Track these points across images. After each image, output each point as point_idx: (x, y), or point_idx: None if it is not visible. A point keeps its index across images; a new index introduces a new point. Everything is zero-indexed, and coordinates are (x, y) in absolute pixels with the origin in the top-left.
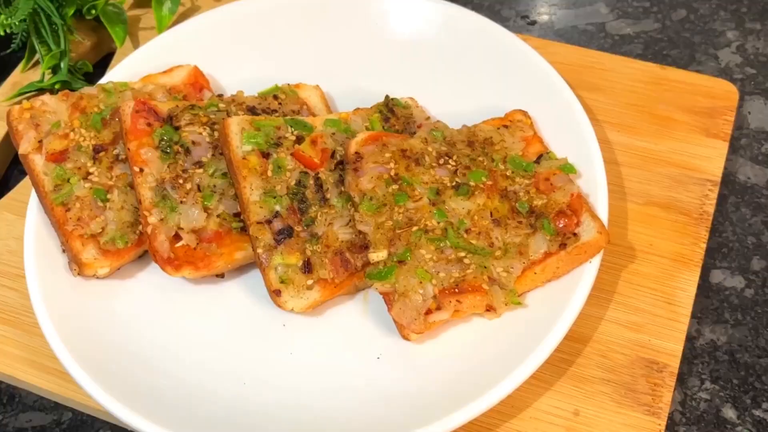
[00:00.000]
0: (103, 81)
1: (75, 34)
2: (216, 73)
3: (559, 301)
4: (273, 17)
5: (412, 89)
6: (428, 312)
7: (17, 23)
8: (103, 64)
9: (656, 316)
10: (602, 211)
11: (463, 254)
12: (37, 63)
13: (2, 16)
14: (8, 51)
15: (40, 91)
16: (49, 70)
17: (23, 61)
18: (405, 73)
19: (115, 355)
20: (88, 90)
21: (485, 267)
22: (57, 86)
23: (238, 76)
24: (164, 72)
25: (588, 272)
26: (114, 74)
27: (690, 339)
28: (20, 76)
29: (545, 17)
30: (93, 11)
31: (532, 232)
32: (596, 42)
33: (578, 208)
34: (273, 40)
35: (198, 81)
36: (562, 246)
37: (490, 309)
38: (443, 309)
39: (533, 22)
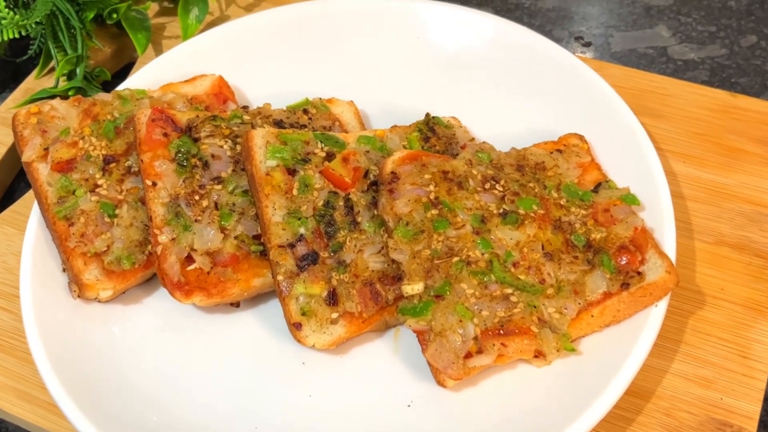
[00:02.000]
0: (120, 88)
1: (94, 39)
2: (242, 85)
3: (619, 349)
4: (306, 27)
5: (455, 108)
6: (468, 355)
7: (33, 25)
8: (123, 74)
9: (729, 371)
10: (669, 249)
11: (509, 291)
12: (52, 70)
13: (17, 17)
14: (24, 57)
15: (53, 98)
16: (64, 77)
17: (38, 67)
18: (448, 91)
19: (113, 389)
20: (102, 96)
21: (535, 306)
22: (71, 93)
23: (267, 89)
24: (186, 81)
25: (653, 317)
26: (133, 81)
27: None
28: (34, 83)
29: (601, 39)
30: (114, 15)
31: (589, 268)
32: (657, 67)
33: (643, 243)
34: (305, 52)
35: (222, 92)
36: (624, 286)
37: (539, 355)
38: (485, 353)
39: (588, 44)
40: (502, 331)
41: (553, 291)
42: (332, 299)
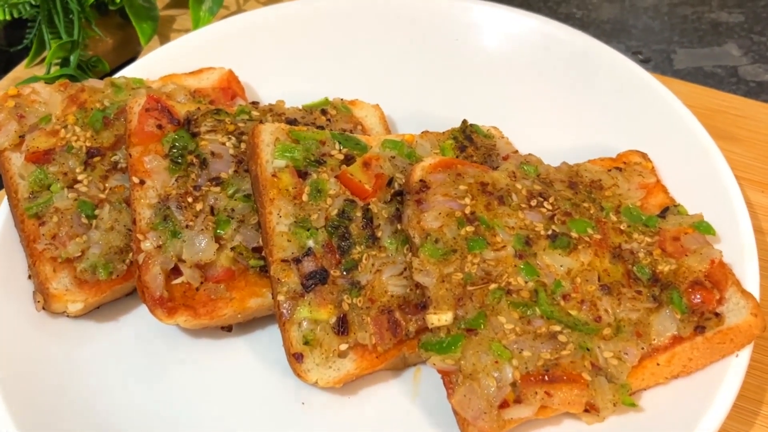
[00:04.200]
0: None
1: (94, 27)
2: (254, 82)
3: (689, 407)
4: (330, 22)
5: (496, 118)
6: (504, 405)
7: (27, 8)
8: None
9: None
10: (752, 288)
11: (558, 328)
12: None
13: None
14: (19, 47)
15: None
16: (57, 65)
17: (30, 55)
18: (488, 99)
19: (74, 425)
20: (92, 82)
21: (588, 349)
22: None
23: (282, 87)
24: (191, 73)
25: (733, 370)
26: (132, 70)
27: None
28: (24, 72)
29: (662, 55)
30: (117, 0)
31: (655, 306)
32: (726, 88)
33: (721, 279)
34: (328, 50)
35: (231, 87)
36: (699, 329)
37: (590, 409)
38: (525, 402)
39: (647, 60)
40: (546, 378)
41: (610, 331)
42: (342, 327)
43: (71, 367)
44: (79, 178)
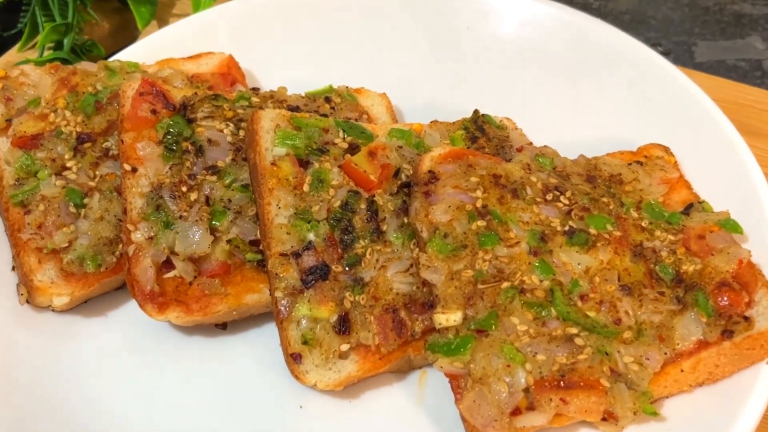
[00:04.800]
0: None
1: (90, 10)
2: (256, 68)
3: (714, 418)
4: (335, 7)
5: (509, 109)
6: (516, 412)
7: None
8: None
9: None
10: None
11: (574, 330)
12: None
13: None
14: (13, 31)
15: None
16: (50, 49)
17: (22, 38)
18: (501, 90)
19: (57, 425)
20: (85, 65)
21: (607, 353)
22: None
23: (285, 75)
24: (189, 57)
25: (763, 379)
26: (127, 54)
27: None
28: (16, 56)
29: (682, 48)
30: None
31: (679, 309)
32: (750, 82)
33: (750, 281)
34: (333, 35)
35: (231, 73)
36: (726, 334)
37: (609, 417)
38: (538, 410)
39: (667, 52)
40: (562, 383)
41: (631, 335)
42: (343, 326)
43: (56, 365)
44: (68, 164)
